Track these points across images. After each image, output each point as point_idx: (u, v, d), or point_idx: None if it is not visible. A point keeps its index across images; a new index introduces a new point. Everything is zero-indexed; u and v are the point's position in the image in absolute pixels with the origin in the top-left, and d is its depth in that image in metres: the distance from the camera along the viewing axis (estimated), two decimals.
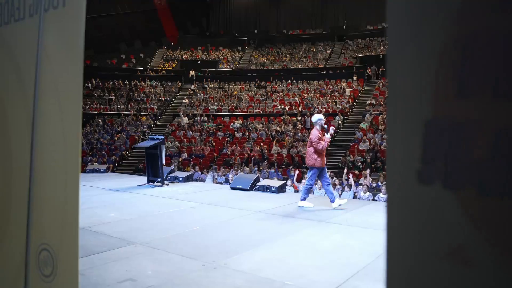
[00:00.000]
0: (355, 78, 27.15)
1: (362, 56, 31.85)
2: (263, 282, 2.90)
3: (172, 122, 23.57)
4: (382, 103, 22.21)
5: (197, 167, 13.50)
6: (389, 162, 0.83)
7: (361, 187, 10.34)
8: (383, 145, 16.63)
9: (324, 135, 5.91)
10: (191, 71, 30.44)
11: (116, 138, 20.44)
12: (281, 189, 7.45)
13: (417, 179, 0.76)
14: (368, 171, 12.47)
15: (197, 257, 3.49)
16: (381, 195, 8.97)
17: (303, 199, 5.91)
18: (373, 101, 22.81)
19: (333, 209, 5.70)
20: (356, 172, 14.41)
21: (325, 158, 5.91)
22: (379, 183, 11.65)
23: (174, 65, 34.77)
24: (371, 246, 3.86)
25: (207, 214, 5.39)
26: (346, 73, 28.73)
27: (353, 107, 23.54)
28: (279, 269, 3.18)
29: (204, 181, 11.61)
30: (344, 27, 38.44)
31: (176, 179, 8.77)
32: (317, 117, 6.00)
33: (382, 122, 19.37)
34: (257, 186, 7.57)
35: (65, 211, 1.19)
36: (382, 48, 32.95)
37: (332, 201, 5.77)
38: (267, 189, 7.42)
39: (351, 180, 10.74)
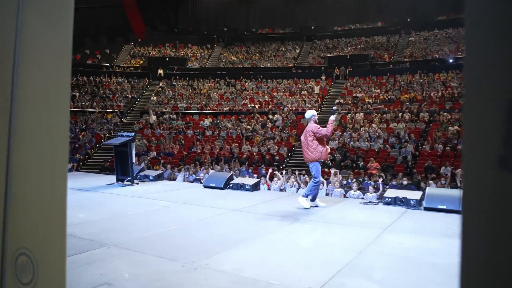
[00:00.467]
0: (323, 77, 27.57)
1: (330, 56, 32.41)
2: (247, 282, 2.80)
3: (140, 120, 22.99)
4: (350, 102, 22.64)
5: (168, 166, 13.20)
6: (466, 148, 0.76)
7: (332, 184, 10.45)
8: (351, 143, 16.95)
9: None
10: (159, 70, 29.78)
11: (80, 136, 19.68)
12: (256, 187, 7.37)
13: (500, 166, 0.69)
14: (333, 170, 12.59)
15: (176, 258, 3.35)
16: (352, 192, 9.09)
17: (306, 195, 5.70)
18: (341, 100, 23.20)
19: (312, 208, 5.68)
20: (326, 170, 14.58)
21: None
22: (349, 180, 11.83)
23: (141, 61, 33.99)
24: (352, 242, 3.86)
25: (183, 213, 5.23)
26: (314, 73, 29.12)
27: (321, 106, 23.84)
28: (262, 268, 3.10)
29: (174, 180, 11.36)
30: (313, 27, 38.97)
31: (146, 178, 8.51)
32: (311, 113, 5.92)
33: (350, 121, 19.73)
34: (231, 184, 7.46)
35: (50, 211, 1.06)
36: (349, 48, 33.65)
37: (304, 196, 5.68)
38: (241, 187, 7.32)
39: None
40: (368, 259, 3.33)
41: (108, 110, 24.12)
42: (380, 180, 11.89)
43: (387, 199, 5.84)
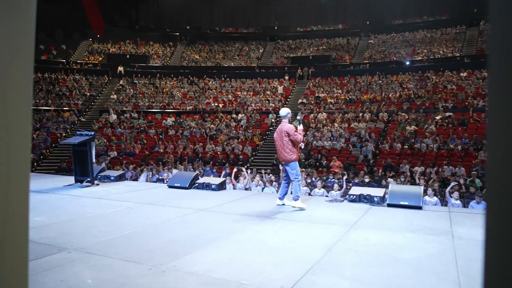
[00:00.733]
0: (286, 77, 27.84)
1: (293, 57, 32.82)
2: (219, 283, 2.73)
3: (99, 118, 22.18)
4: (312, 102, 23.00)
5: (131, 166, 12.80)
6: (491, 145, 0.72)
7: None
8: (314, 143, 17.21)
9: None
10: (119, 67, 28.87)
11: (34, 135, 18.69)
12: (222, 186, 7.28)
13: None
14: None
15: (142, 260, 3.21)
16: (316, 190, 9.20)
17: (297, 198, 5.50)
18: (304, 100, 23.52)
19: (276, 205, 5.68)
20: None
21: None
22: (313, 179, 11.99)
23: (100, 58, 32.85)
24: (320, 240, 3.88)
25: (147, 214, 5.04)
26: (278, 73, 29.37)
27: (285, 105, 24.05)
28: (233, 268, 3.03)
29: (136, 181, 11.03)
30: (276, 27, 39.35)
31: (107, 179, 8.19)
32: (286, 111, 5.84)
33: (313, 120, 20.04)
34: (197, 184, 7.32)
35: (6, 214, 0.94)
36: (311, 49, 34.22)
37: (295, 199, 5.57)
38: (207, 186, 7.20)
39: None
40: (338, 256, 3.35)
41: (64, 109, 23.09)
42: (344, 178, 12.18)
43: (351, 196, 5.94)
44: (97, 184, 7.59)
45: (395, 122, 18.15)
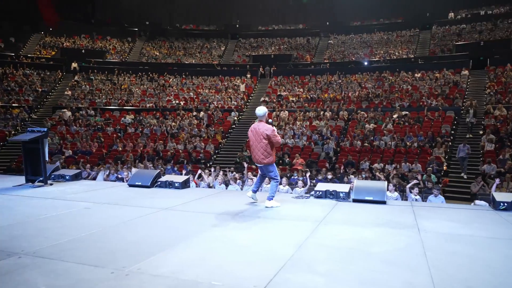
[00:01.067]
0: (248, 75, 27.79)
1: (255, 55, 32.87)
2: (188, 285, 2.56)
3: (52, 115, 21.05)
4: (275, 100, 23.07)
5: (88, 165, 12.20)
6: None
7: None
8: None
9: None
10: (73, 64, 27.55)
11: None
12: (185, 184, 7.05)
13: None
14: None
15: (102, 264, 2.97)
16: (281, 187, 9.17)
17: (271, 198, 5.33)
18: (267, 99, 23.56)
19: (243, 203, 5.55)
20: (253, 166, 14.65)
21: None
22: None
23: (53, 52, 31.23)
24: (290, 236, 3.79)
25: (107, 215, 4.74)
26: (240, 71, 29.26)
27: (247, 103, 24.00)
28: (203, 269, 2.87)
29: (94, 180, 10.52)
30: (237, 26, 39.30)
31: (62, 178, 7.69)
32: (264, 110, 5.48)
33: (275, 118, 20.09)
34: (159, 182, 7.04)
35: None
36: (273, 48, 34.42)
37: (270, 199, 5.36)
38: (170, 185, 6.94)
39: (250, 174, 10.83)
40: (309, 253, 3.28)
41: (14, 105, 21.71)
42: (307, 175, 12.27)
43: (318, 192, 5.94)
44: (51, 184, 7.12)
45: (354, 121, 18.58)
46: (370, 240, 3.66)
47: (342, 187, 5.95)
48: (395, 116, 18.27)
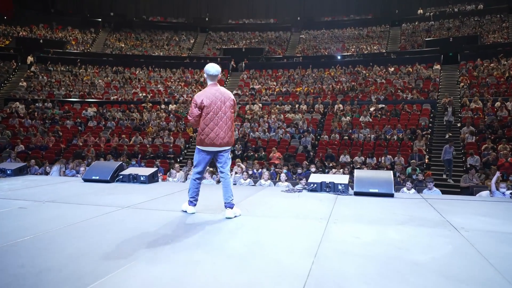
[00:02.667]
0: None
1: (225, 48, 31.86)
2: None
3: (4, 108, 19.12)
4: (247, 94, 22.14)
5: (45, 162, 10.75)
6: None
7: (238, 174, 9.52)
8: (251, 134, 16.33)
9: None
10: (29, 57, 25.43)
11: None
12: (153, 178, 5.95)
13: None
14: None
15: None
16: (262, 181, 8.25)
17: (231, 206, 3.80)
18: (239, 92, 22.58)
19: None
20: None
21: None
22: (255, 170, 11.04)
23: (7, 42, 28.85)
24: (298, 240, 2.84)
25: (46, 216, 3.60)
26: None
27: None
28: None
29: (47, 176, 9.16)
30: (207, 19, 38.14)
31: (1, 173, 6.41)
32: (218, 68, 3.95)
33: (248, 112, 19.15)
34: (121, 176, 5.90)
35: None
36: (244, 42, 33.48)
37: (230, 206, 3.79)
38: (134, 179, 5.82)
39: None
40: (333, 265, 2.34)
41: None
42: (284, 168, 11.45)
43: (312, 185, 5.03)
44: None
45: (331, 114, 17.93)
46: (403, 243, 2.78)
47: (341, 178, 5.07)
48: (372, 109, 17.76)
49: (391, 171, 5.08)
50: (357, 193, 4.77)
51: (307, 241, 2.77)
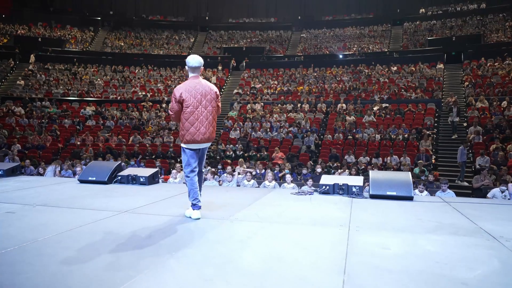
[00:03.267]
0: (220, 67, 26.39)
1: (226, 47, 31.57)
2: None
3: (1, 106, 18.76)
4: (248, 93, 21.81)
5: (27, 161, 10.39)
6: None
7: (241, 175, 9.19)
8: (253, 134, 15.99)
9: None
10: (32, 55, 25.08)
11: None
12: (153, 179, 5.60)
13: None
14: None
15: None
16: (267, 182, 7.90)
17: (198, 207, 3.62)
18: (240, 91, 22.26)
19: (230, 202, 4.21)
20: (229, 161, 13.32)
21: None
22: (258, 170, 10.71)
23: (5, 40, 28.51)
24: (321, 253, 2.49)
25: (36, 222, 3.26)
26: (211, 63, 27.75)
27: (220, 96, 22.56)
28: None
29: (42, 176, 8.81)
30: (207, 18, 37.86)
31: None
32: (199, 59, 3.87)
33: (249, 111, 18.82)
34: (119, 177, 5.55)
35: None
36: (244, 41, 33.16)
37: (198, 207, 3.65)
38: (133, 180, 5.47)
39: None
40: (367, 283, 2.01)
41: None
42: (287, 168, 11.11)
43: (324, 187, 4.69)
44: None
45: (334, 113, 17.60)
46: (441, 255, 2.44)
47: (354, 180, 4.73)
48: (375, 108, 17.43)
49: (409, 172, 4.74)
50: (373, 196, 4.43)
51: (332, 254, 2.43)
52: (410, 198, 4.34)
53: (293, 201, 4.28)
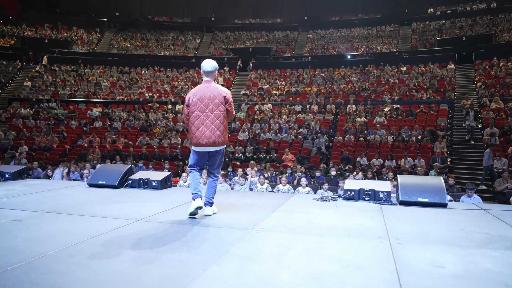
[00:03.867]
0: (226, 68, 26.18)
1: (232, 48, 31.36)
2: None
3: (8, 108, 18.65)
4: (256, 94, 21.55)
5: (35, 163, 10.18)
6: None
7: (254, 178, 8.91)
8: (262, 135, 15.71)
9: None
10: (45, 57, 25.01)
11: None
12: (166, 183, 5.34)
13: None
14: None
15: None
16: (280, 186, 7.62)
17: (212, 202, 3.78)
18: (247, 92, 22.01)
19: (249, 210, 3.93)
20: (238, 163, 13.05)
21: None
22: (269, 174, 10.42)
23: (12, 42, 28.52)
24: (368, 271, 2.20)
25: (44, 232, 2.98)
26: (217, 64, 27.50)
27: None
28: None
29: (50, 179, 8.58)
30: (213, 19, 37.72)
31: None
32: (214, 64, 3.93)
33: (258, 112, 18.55)
34: (130, 181, 5.29)
35: None
36: (251, 42, 32.93)
37: (207, 204, 3.79)
38: (145, 184, 5.21)
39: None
40: None
41: None
42: (299, 171, 10.81)
43: (348, 193, 4.39)
44: None
45: (343, 114, 17.27)
46: (506, 276, 2.14)
47: (381, 185, 4.43)
48: (386, 109, 17.08)
49: (441, 177, 4.43)
50: (402, 203, 4.13)
51: (381, 273, 2.14)
52: (444, 205, 4.03)
53: (318, 208, 3.98)
